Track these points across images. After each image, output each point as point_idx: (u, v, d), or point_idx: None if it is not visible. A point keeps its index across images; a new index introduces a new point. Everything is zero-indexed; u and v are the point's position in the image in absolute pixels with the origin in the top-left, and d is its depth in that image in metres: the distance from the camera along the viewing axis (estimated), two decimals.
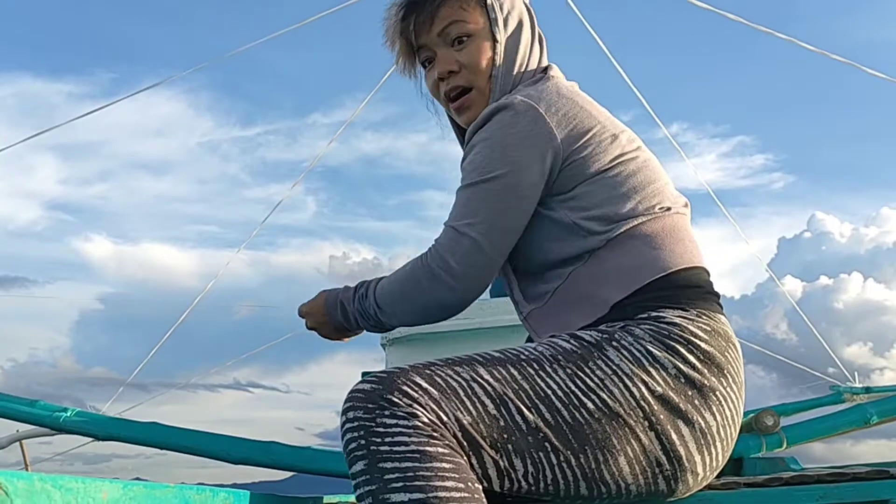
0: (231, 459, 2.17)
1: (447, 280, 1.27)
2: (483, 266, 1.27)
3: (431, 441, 1.06)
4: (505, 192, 1.26)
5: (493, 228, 1.26)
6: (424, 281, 1.29)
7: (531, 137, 1.26)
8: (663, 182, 1.34)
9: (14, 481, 0.66)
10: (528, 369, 1.16)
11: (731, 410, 1.21)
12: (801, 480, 1.34)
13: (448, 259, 1.27)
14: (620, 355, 1.17)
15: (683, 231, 1.32)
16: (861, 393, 4.40)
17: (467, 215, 1.27)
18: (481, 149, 1.29)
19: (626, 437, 1.13)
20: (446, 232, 1.29)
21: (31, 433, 2.87)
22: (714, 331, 1.22)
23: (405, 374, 1.11)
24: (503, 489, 1.13)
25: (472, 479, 1.08)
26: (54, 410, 2.28)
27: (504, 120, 1.28)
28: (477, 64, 1.40)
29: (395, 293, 1.34)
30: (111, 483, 0.82)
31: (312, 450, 2.24)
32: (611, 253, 1.26)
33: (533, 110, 1.27)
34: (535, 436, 1.12)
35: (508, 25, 1.41)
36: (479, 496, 1.07)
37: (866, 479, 1.31)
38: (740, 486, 1.33)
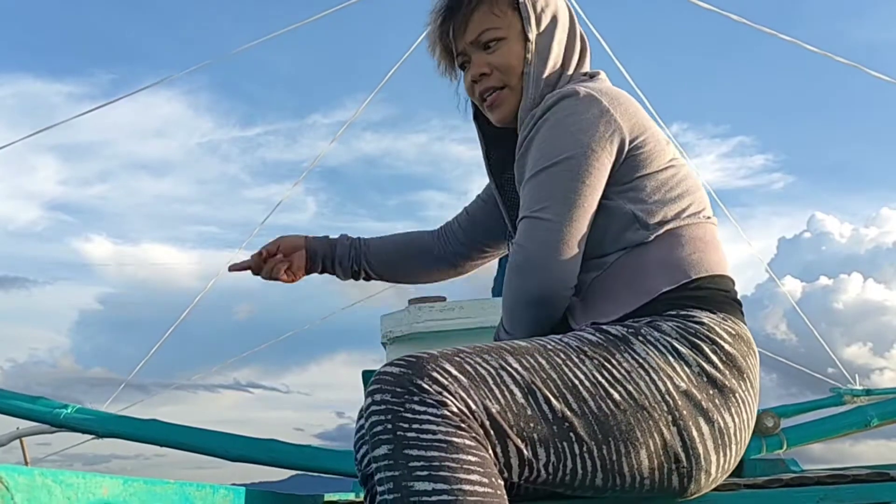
0: (230, 457, 2.17)
1: (531, 266, 1.27)
2: (562, 245, 1.26)
3: (459, 432, 1.06)
4: (575, 172, 1.27)
5: (567, 207, 1.27)
6: (516, 279, 1.29)
7: (598, 124, 1.28)
8: (704, 192, 1.39)
9: (15, 476, 0.66)
10: (555, 358, 1.16)
11: (748, 414, 1.23)
12: (801, 482, 1.34)
13: (526, 245, 1.28)
14: (647, 349, 1.18)
15: (718, 242, 1.36)
16: (861, 395, 4.41)
17: (540, 200, 1.28)
18: (548, 134, 1.31)
19: (650, 431, 1.14)
20: (522, 224, 1.30)
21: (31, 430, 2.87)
22: (738, 335, 1.24)
23: (435, 360, 1.11)
24: (521, 478, 1.14)
25: (496, 474, 1.08)
26: (55, 407, 2.28)
27: (569, 107, 1.30)
28: (507, 65, 1.42)
29: (510, 308, 1.32)
30: (112, 479, 0.82)
31: (312, 448, 2.24)
32: (654, 246, 1.29)
33: (597, 100, 1.30)
34: (560, 425, 1.12)
35: (541, 23, 1.43)
36: (502, 492, 1.07)
37: (866, 481, 1.31)
38: (740, 487, 1.33)
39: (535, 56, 1.41)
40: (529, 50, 1.41)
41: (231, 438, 2.19)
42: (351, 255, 1.69)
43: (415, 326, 4.09)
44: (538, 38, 1.42)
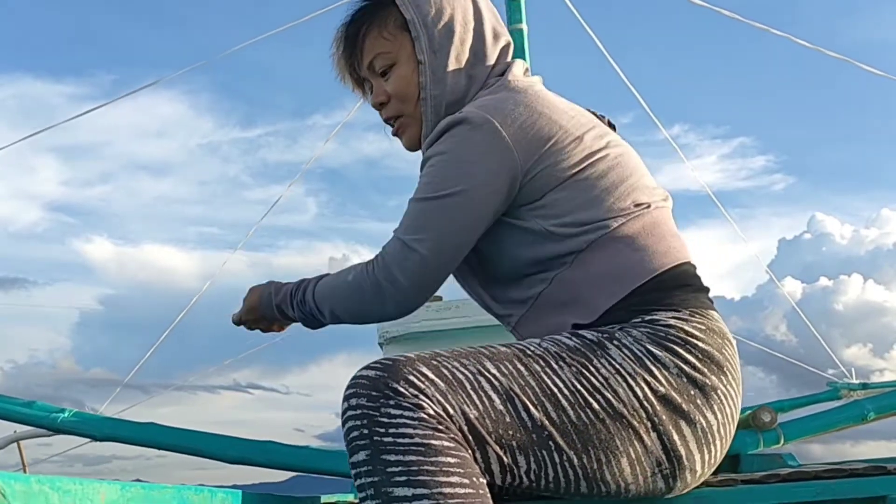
0: (228, 459, 2.17)
1: (392, 293, 1.28)
2: (429, 281, 1.28)
3: (436, 434, 1.05)
4: (458, 210, 1.25)
5: (442, 245, 1.26)
6: (369, 292, 1.30)
7: (488, 153, 1.24)
8: (637, 177, 1.31)
9: (11, 483, 0.66)
10: (534, 365, 1.15)
11: (731, 408, 1.21)
12: (799, 477, 1.34)
13: (395, 273, 1.27)
14: (622, 354, 1.16)
15: (664, 226, 1.30)
16: (858, 389, 4.41)
17: (418, 230, 1.26)
18: (437, 163, 1.27)
19: (630, 439, 1.13)
20: (395, 244, 1.28)
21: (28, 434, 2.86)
22: (709, 329, 1.22)
23: (411, 362, 1.10)
24: (504, 483, 1.13)
25: (477, 474, 1.07)
26: (51, 411, 2.27)
27: (460, 134, 1.25)
28: (402, 92, 1.38)
29: (339, 302, 1.36)
30: (109, 484, 0.81)
31: (310, 449, 2.24)
32: (594, 256, 1.24)
33: (489, 123, 1.24)
34: (539, 434, 1.11)
35: (434, 40, 1.36)
36: (484, 492, 1.07)
37: (863, 476, 1.31)
38: (737, 482, 1.33)
39: (429, 79, 1.35)
40: (423, 73, 1.35)
41: (229, 441, 2.18)
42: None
43: (411, 326, 4.09)
44: (431, 59, 1.35)
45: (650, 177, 1.36)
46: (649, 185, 1.33)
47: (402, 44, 1.38)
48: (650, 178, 1.35)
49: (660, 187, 1.37)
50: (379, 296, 1.29)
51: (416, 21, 1.36)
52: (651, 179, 1.35)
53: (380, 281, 1.28)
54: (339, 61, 1.47)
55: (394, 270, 1.27)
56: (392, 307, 1.31)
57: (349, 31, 1.43)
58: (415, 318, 4.15)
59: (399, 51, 1.38)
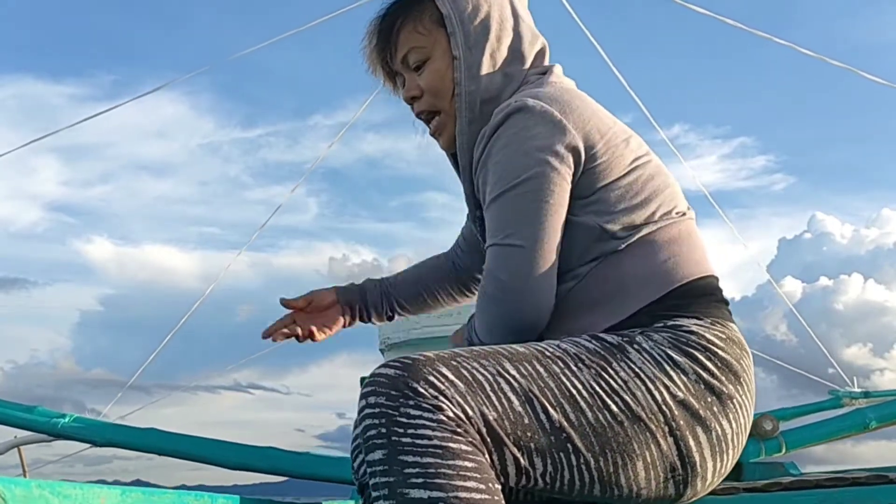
0: (229, 465, 2.17)
1: (508, 298, 1.23)
2: (536, 271, 1.23)
3: (455, 437, 1.04)
4: (536, 193, 1.23)
5: (535, 231, 1.23)
6: (494, 308, 1.25)
7: (551, 138, 1.23)
8: (675, 187, 1.33)
9: (12, 488, 0.66)
10: (553, 366, 1.14)
11: (745, 418, 1.22)
12: (801, 485, 1.34)
13: (500, 276, 1.23)
14: (642, 358, 1.16)
15: (696, 237, 1.31)
16: (860, 397, 4.41)
17: (506, 227, 1.24)
18: (502, 154, 1.25)
19: (647, 442, 1.13)
20: (490, 251, 1.26)
21: (28, 439, 2.87)
22: (729, 338, 1.23)
23: (431, 362, 1.09)
24: (518, 486, 1.13)
25: (493, 479, 1.06)
26: (52, 416, 2.27)
27: (520, 122, 1.24)
28: (435, 87, 1.38)
29: (488, 333, 1.28)
30: (109, 489, 0.81)
31: (310, 455, 2.24)
32: (629, 257, 1.25)
33: (548, 111, 1.24)
34: (557, 436, 1.10)
35: (470, 36, 1.35)
36: (499, 498, 1.06)
37: (866, 484, 1.30)
38: (739, 491, 1.33)
39: (464, 75, 1.34)
40: (458, 69, 1.35)
41: (229, 447, 2.18)
42: (383, 301, 1.67)
43: (412, 332, 4.09)
44: (466, 55, 1.34)
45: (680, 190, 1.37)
46: (682, 197, 1.35)
47: (436, 39, 1.37)
48: (681, 191, 1.37)
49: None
50: (502, 308, 1.24)
51: (452, 16, 1.36)
52: (681, 192, 1.36)
53: (492, 294, 1.24)
54: (372, 54, 1.46)
55: (498, 274, 1.24)
56: (518, 313, 1.24)
57: (383, 24, 1.43)
58: (416, 325, 4.15)
59: (434, 46, 1.38)
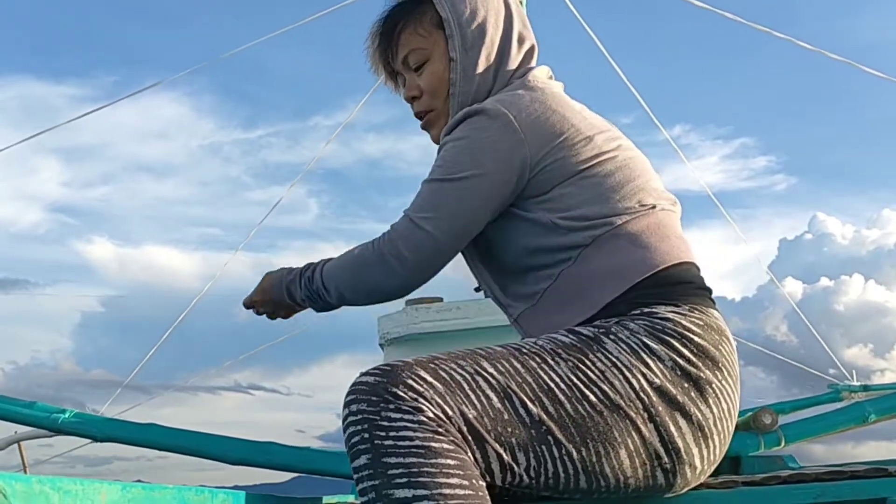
0: (229, 460, 2.17)
1: (396, 267, 1.30)
2: (433, 259, 1.31)
3: (436, 436, 1.06)
4: (467, 193, 1.29)
5: (449, 225, 1.29)
6: (374, 265, 1.33)
7: (501, 143, 1.28)
8: (645, 179, 1.34)
9: (12, 483, 0.66)
10: (530, 362, 1.16)
11: (728, 403, 1.22)
12: (799, 479, 1.34)
13: (400, 247, 1.30)
14: (619, 347, 1.18)
15: (669, 228, 1.33)
16: (859, 391, 4.41)
17: (427, 209, 1.31)
18: (451, 149, 1.32)
19: (627, 430, 1.14)
20: (403, 221, 1.32)
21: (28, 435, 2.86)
22: (707, 325, 1.23)
23: (409, 367, 1.12)
24: (504, 483, 1.14)
25: (477, 476, 1.08)
26: (52, 412, 2.28)
27: (476, 123, 1.31)
28: (433, 88, 1.44)
29: (343, 276, 1.38)
30: (109, 485, 0.82)
31: (311, 450, 2.24)
32: (598, 252, 1.27)
33: (504, 116, 1.29)
34: (538, 429, 1.12)
35: (467, 39, 1.41)
36: (483, 493, 1.08)
37: (864, 477, 1.31)
38: (738, 484, 1.33)
39: (459, 76, 1.40)
40: (454, 70, 1.41)
41: (229, 442, 2.18)
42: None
43: (412, 327, 4.10)
44: (463, 56, 1.40)
45: (659, 181, 1.39)
46: (657, 189, 1.36)
47: (435, 41, 1.43)
48: (659, 182, 1.39)
49: (669, 193, 1.40)
50: (382, 270, 1.32)
51: (451, 20, 1.41)
52: (659, 184, 1.39)
53: (385, 255, 1.31)
54: (374, 55, 1.52)
55: (399, 245, 1.30)
56: (394, 282, 1.33)
57: (386, 26, 1.49)
58: (416, 320, 4.15)
59: (433, 47, 1.44)
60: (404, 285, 1.34)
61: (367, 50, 1.53)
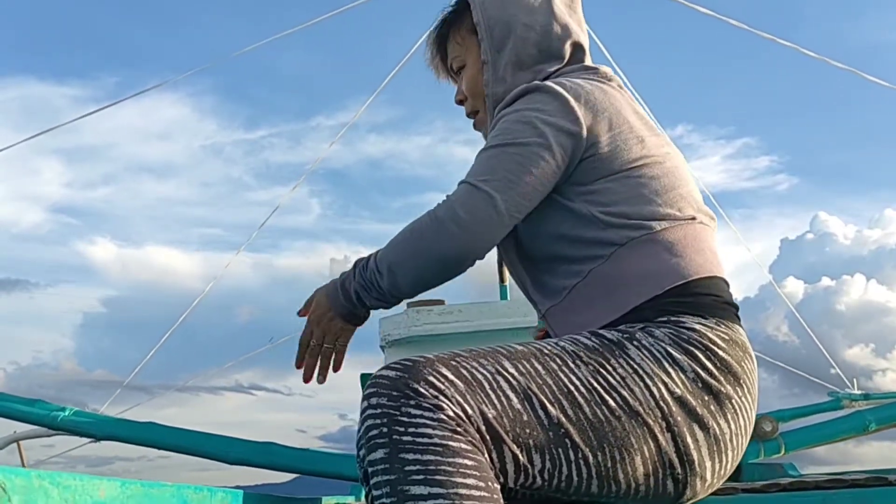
0: (229, 460, 2.17)
1: (452, 228, 1.24)
2: (492, 220, 1.25)
3: (455, 436, 1.06)
4: (526, 157, 1.27)
5: (509, 187, 1.26)
6: (429, 232, 1.26)
7: (557, 119, 1.28)
8: (688, 190, 1.34)
9: (12, 478, 0.66)
10: (551, 364, 1.16)
11: (745, 420, 1.22)
12: (800, 486, 1.34)
13: (457, 208, 1.25)
14: (641, 354, 1.17)
15: (705, 242, 1.32)
16: (860, 399, 4.41)
17: (485, 173, 1.28)
18: (508, 120, 1.31)
19: (644, 437, 1.14)
20: (461, 186, 1.29)
21: (29, 433, 2.87)
22: (732, 340, 1.23)
23: (431, 363, 1.11)
24: (517, 484, 1.14)
25: (492, 478, 1.08)
26: (52, 410, 2.28)
27: (534, 99, 1.31)
28: (472, 90, 1.48)
29: (398, 250, 1.29)
30: (109, 481, 0.82)
31: (311, 451, 2.24)
32: (631, 254, 1.26)
33: (562, 95, 1.29)
34: (556, 431, 1.12)
35: (495, 42, 1.43)
36: (498, 496, 1.07)
37: (864, 486, 1.30)
38: (738, 491, 1.33)
39: (490, 78, 1.43)
40: (486, 72, 1.43)
41: (229, 442, 2.18)
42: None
43: (413, 329, 4.09)
44: (495, 58, 1.42)
45: (699, 194, 1.39)
46: (697, 201, 1.36)
47: (469, 47, 1.47)
48: (699, 195, 1.39)
49: (707, 208, 1.39)
50: (439, 235, 1.25)
51: (482, 23, 1.44)
52: (700, 197, 1.39)
53: (441, 218, 1.25)
54: (433, 62, 1.58)
55: (456, 207, 1.25)
56: (452, 246, 1.24)
57: (437, 37, 1.54)
58: (416, 322, 4.14)
59: (467, 53, 1.48)
60: (463, 250, 1.25)
61: (426, 60, 1.58)
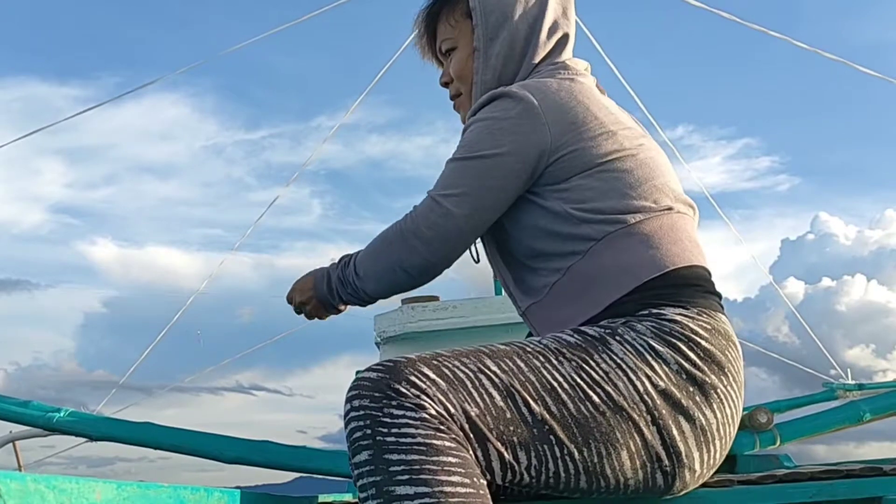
0: (225, 459, 2.16)
1: (414, 242, 1.31)
2: (452, 235, 1.31)
3: (438, 434, 1.06)
4: (487, 171, 1.30)
5: (469, 202, 1.30)
6: (395, 242, 1.33)
7: (522, 125, 1.29)
8: (664, 181, 1.34)
9: (7, 482, 0.66)
10: (534, 361, 1.16)
11: (731, 409, 1.22)
12: (795, 478, 1.34)
13: (420, 223, 1.31)
14: (624, 349, 1.17)
15: (683, 231, 1.32)
16: (854, 389, 4.42)
17: (447, 187, 1.32)
18: (473, 129, 1.34)
19: (629, 432, 1.14)
20: (425, 200, 1.34)
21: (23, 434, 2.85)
22: (714, 329, 1.23)
23: (412, 363, 1.11)
24: (504, 481, 1.14)
25: (478, 474, 1.08)
26: (47, 411, 2.27)
27: (499, 105, 1.32)
28: (459, 74, 1.49)
29: (371, 257, 1.38)
30: (105, 483, 0.81)
31: (307, 449, 2.23)
32: (608, 249, 1.27)
33: (527, 99, 1.30)
34: (540, 428, 1.12)
35: (490, 30, 1.43)
36: (484, 492, 1.07)
37: (859, 476, 1.31)
38: (734, 483, 1.34)
39: (481, 66, 1.44)
40: (477, 59, 1.44)
41: (226, 441, 2.18)
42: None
43: (408, 326, 4.10)
44: (487, 46, 1.43)
45: (678, 184, 1.39)
46: (675, 191, 1.36)
47: (462, 30, 1.48)
48: (678, 185, 1.39)
49: (687, 197, 1.39)
50: (404, 248, 1.32)
51: (477, 9, 1.45)
52: (678, 186, 1.39)
53: (405, 232, 1.32)
54: (420, 41, 1.58)
55: (419, 222, 1.31)
56: (416, 260, 1.32)
57: (427, 16, 1.55)
58: (411, 318, 4.15)
59: (459, 37, 1.49)
60: (427, 263, 1.32)
61: (414, 39, 1.59)
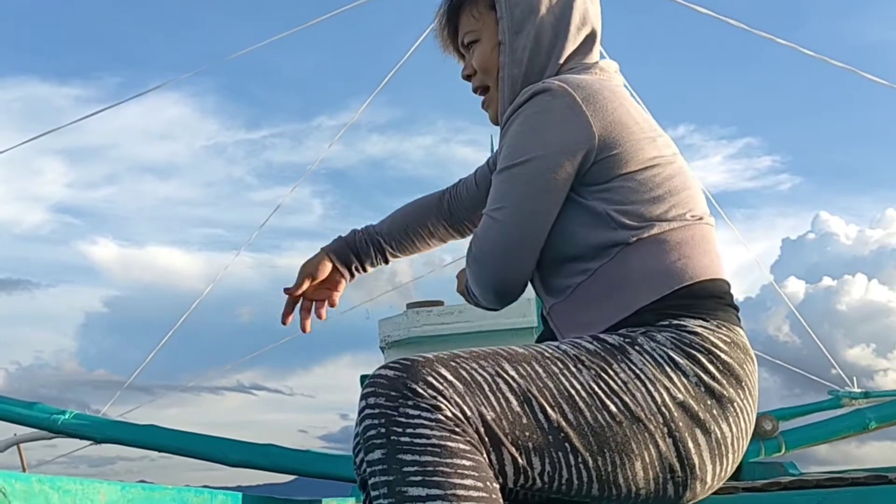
0: (229, 462, 2.16)
1: (484, 263, 1.29)
2: (508, 248, 1.28)
3: (453, 436, 1.05)
4: (534, 176, 1.27)
5: (519, 211, 1.27)
6: (474, 268, 1.32)
7: (566, 122, 1.26)
8: (696, 191, 1.34)
9: (12, 482, 0.66)
10: (552, 367, 1.15)
11: (746, 422, 1.21)
12: (800, 485, 1.34)
13: (480, 244, 1.30)
14: (643, 359, 1.17)
15: (710, 243, 1.32)
16: (860, 397, 4.41)
17: (498, 200, 1.29)
18: (515, 132, 1.31)
19: (645, 443, 1.13)
20: (482, 219, 1.32)
21: (29, 436, 2.86)
22: (734, 343, 1.23)
23: (430, 363, 1.10)
24: (517, 485, 1.13)
25: (491, 478, 1.07)
26: (52, 413, 2.28)
27: (541, 103, 1.29)
28: (483, 66, 1.45)
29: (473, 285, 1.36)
30: (109, 485, 0.81)
31: (311, 453, 2.24)
32: (638, 254, 1.26)
33: (570, 96, 1.27)
34: (555, 435, 1.11)
35: (515, 23, 1.41)
36: (497, 496, 1.07)
37: (865, 485, 1.30)
38: (739, 490, 1.33)
39: (507, 59, 1.41)
40: (503, 52, 1.41)
41: (229, 444, 2.18)
42: (372, 249, 1.67)
43: (412, 330, 4.10)
44: (512, 39, 1.40)
45: (703, 196, 1.39)
46: (702, 202, 1.36)
47: (486, 23, 1.45)
48: (703, 197, 1.38)
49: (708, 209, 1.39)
50: (473, 270, 1.32)
51: (502, 1, 1.42)
52: (703, 198, 1.38)
53: (475, 255, 1.31)
54: (441, 34, 1.55)
55: (478, 242, 1.30)
56: (486, 278, 1.31)
57: (449, 8, 1.52)
58: (416, 323, 4.14)
59: (483, 29, 1.45)
60: (503, 279, 1.30)
61: (434, 31, 1.56)
